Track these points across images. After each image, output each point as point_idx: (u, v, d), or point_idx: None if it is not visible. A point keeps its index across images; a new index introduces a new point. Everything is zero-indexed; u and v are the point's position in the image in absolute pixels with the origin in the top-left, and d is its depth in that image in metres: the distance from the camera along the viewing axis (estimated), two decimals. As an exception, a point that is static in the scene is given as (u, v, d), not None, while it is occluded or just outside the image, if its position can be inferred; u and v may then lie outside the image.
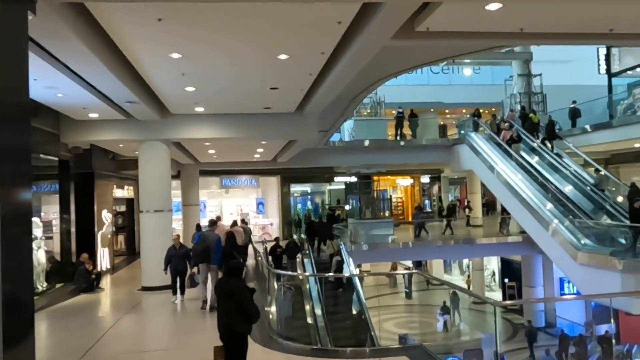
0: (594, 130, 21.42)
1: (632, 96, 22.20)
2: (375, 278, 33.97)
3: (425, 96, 31.09)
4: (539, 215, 16.61)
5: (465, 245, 21.93)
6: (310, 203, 31.72)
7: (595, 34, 7.23)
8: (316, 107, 12.37)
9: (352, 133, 23.49)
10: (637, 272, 12.69)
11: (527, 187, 17.87)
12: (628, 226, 14.05)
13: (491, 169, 19.62)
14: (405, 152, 23.64)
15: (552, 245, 16.12)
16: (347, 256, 17.51)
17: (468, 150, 21.67)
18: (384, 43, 7.14)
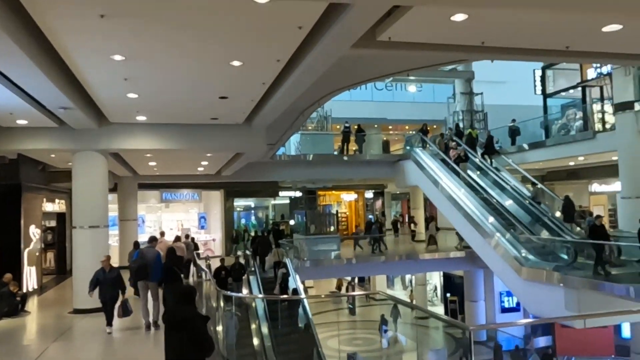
0: (530, 148, 22.19)
1: (565, 116, 23.19)
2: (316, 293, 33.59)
3: (369, 112, 31.32)
4: (482, 229, 16.83)
5: (408, 261, 22.02)
6: (254, 218, 31.02)
7: (552, 50, 7.25)
8: (265, 119, 11.93)
9: (298, 147, 23.15)
10: (579, 288, 12.96)
11: (470, 201, 18.12)
12: (571, 242, 14.40)
13: (436, 184, 19.80)
14: (350, 167, 23.56)
15: (496, 260, 16.35)
16: (292, 269, 17.15)
17: (413, 165, 21.83)
18: (343, 52, 6.84)
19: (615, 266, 13.75)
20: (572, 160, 22.41)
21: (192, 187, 25.76)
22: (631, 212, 16.15)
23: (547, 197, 19.16)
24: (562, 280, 13.37)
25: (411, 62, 9.57)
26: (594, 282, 12.73)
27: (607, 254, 13.19)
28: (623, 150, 16.45)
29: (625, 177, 16.42)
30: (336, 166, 23.35)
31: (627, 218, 16.31)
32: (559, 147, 20.30)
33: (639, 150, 16.03)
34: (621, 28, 6.34)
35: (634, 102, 16.11)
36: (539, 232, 16.88)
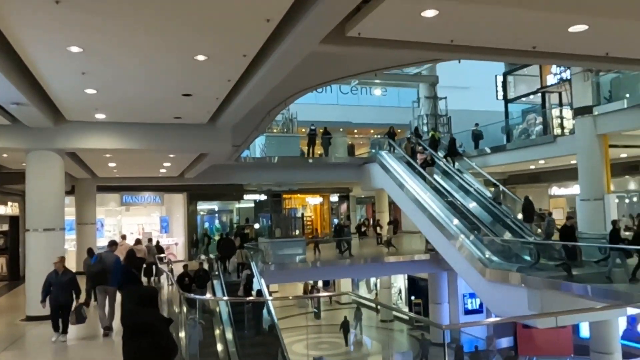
0: (492, 152, 22.57)
1: (526, 121, 23.70)
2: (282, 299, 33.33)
3: (334, 116, 31.28)
4: (447, 231, 16.96)
5: (373, 264, 22.01)
6: (218, 222, 30.48)
7: (519, 50, 7.29)
8: (231, 118, 11.66)
9: (263, 149, 22.87)
10: (542, 288, 13.15)
11: (435, 204, 18.25)
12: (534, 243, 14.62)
13: (401, 187, 19.87)
14: (316, 170, 23.44)
15: (461, 262, 16.49)
16: (257, 271, 16.91)
17: (379, 168, 21.88)
18: (312, 47, 6.68)
19: (577, 267, 14.07)
20: (533, 163, 22.91)
21: (154, 189, 25.12)
22: (590, 213, 16.56)
23: (509, 199, 19.49)
24: (525, 281, 13.56)
25: (380, 61, 9.51)
26: (555, 282, 12.96)
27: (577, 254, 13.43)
28: (582, 154, 16.86)
29: (584, 179, 16.83)
30: (302, 169, 23.19)
31: (586, 220, 16.70)
32: (520, 150, 20.71)
33: (597, 153, 16.45)
34: (587, 29, 6.41)
35: (593, 107, 16.53)
36: (501, 234, 17.13)
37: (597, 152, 16.45)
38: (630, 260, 12.14)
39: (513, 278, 13.98)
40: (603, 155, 16.45)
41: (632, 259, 12.02)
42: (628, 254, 11.69)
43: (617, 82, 16.49)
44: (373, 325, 30.06)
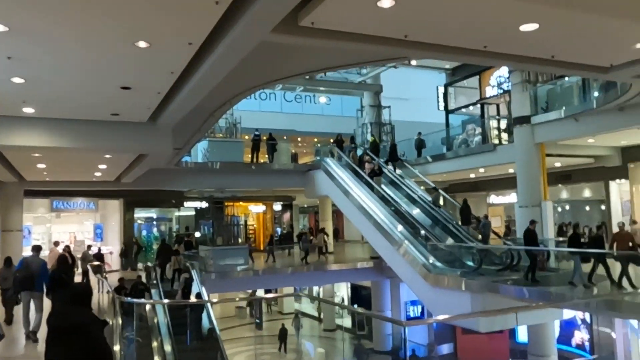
0: (433, 160, 22.99)
1: (465, 132, 24.34)
2: (222, 310, 32.43)
3: (278, 123, 31.05)
4: (392, 237, 16.97)
5: (317, 272, 21.77)
6: (156, 230, 29.32)
7: (471, 49, 7.28)
8: (173, 117, 11.11)
9: (205, 154, 22.21)
10: (485, 292, 13.32)
11: (380, 211, 18.26)
12: (477, 248, 14.82)
13: (346, 194, 19.78)
14: (260, 176, 23.04)
15: (405, 268, 16.50)
16: (196, 274, 16.28)
17: (324, 175, 21.74)
18: (263, 36, 6.38)
19: (518, 272, 14.39)
20: (473, 172, 23.49)
21: (87, 195, 23.79)
22: (528, 219, 17.02)
23: (450, 204, 19.72)
24: (468, 286, 13.71)
25: (333, 58, 9.33)
26: (495, 286, 13.18)
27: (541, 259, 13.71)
28: (521, 161, 17.39)
29: (523, 186, 17.34)
30: (245, 175, 22.71)
31: (524, 226, 17.14)
32: (462, 158, 21.16)
33: (535, 161, 17.02)
34: (537, 28, 6.47)
35: (531, 117, 17.11)
36: (444, 240, 17.35)
37: (535, 160, 17.01)
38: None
39: (456, 283, 14.11)
40: (540, 163, 17.04)
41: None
42: (585, 259, 12.03)
43: (553, 93, 17.17)
44: (316, 335, 29.79)
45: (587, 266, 12.00)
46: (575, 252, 12.07)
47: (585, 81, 16.06)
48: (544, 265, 13.79)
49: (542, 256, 13.93)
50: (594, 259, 11.60)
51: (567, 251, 12.76)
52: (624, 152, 19.04)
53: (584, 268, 12.01)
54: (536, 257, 12.98)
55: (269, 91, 34.84)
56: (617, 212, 19.86)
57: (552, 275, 13.80)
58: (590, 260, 11.82)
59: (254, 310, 32.48)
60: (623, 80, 9.29)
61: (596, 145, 18.42)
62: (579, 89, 16.32)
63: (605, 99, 13.52)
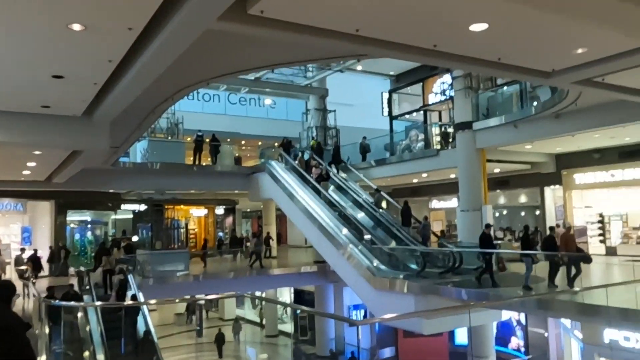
0: (377, 165, 23.17)
1: (408, 138, 24.71)
2: (160, 317, 31.35)
3: (222, 125, 30.47)
4: (336, 241, 16.88)
5: (259, 277, 21.39)
6: (90, 233, 27.95)
7: (420, 48, 7.24)
8: (110, 111, 10.48)
9: (145, 155, 21.36)
10: (427, 294, 13.42)
11: (325, 214, 18.15)
12: (421, 251, 14.94)
13: (291, 197, 19.55)
14: (202, 178, 22.43)
15: (349, 271, 16.44)
16: (132, 278, 15.58)
17: (268, 178, 21.42)
18: (209, 23, 6.04)
19: (458, 274, 14.63)
20: (416, 177, 23.85)
21: (15, 195, 22.28)
22: (470, 223, 17.42)
23: (392, 207, 19.87)
24: (411, 288, 13.79)
25: (283, 52, 9.08)
26: (436, 288, 13.33)
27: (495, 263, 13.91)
28: (462, 166, 17.76)
29: (464, 191, 17.71)
30: (187, 177, 22.03)
31: (466, 229, 17.54)
32: (407, 163, 21.41)
33: (476, 166, 17.43)
34: (487, 28, 6.50)
35: (472, 123, 17.52)
36: (388, 243, 17.44)
37: (476, 164, 17.42)
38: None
39: (400, 286, 14.15)
40: (481, 167, 17.47)
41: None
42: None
43: (493, 100, 17.67)
44: (258, 341, 29.29)
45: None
46: (529, 254, 12.28)
47: (523, 90, 16.66)
48: (504, 266, 14.02)
49: (501, 259, 14.16)
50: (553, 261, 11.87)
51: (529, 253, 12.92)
52: (558, 159, 19.87)
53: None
54: (491, 260, 13.10)
55: (212, 92, 34.14)
56: (551, 217, 20.67)
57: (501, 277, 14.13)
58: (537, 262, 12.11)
59: (194, 317, 31.58)
60: (563, 86, 9.59)
61: (533, 152, 19.11)
62: (518, 97, 16.88)
63: (543, 107, 14.02)
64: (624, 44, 7.34)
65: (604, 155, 18.36)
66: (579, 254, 11.92)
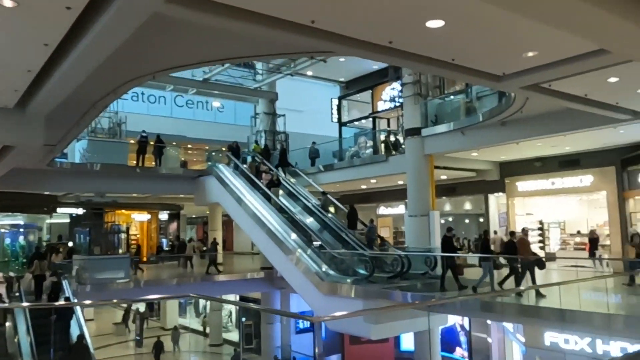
0: (326, 170, 23.08)
1: (357, 144, 24.80)
2: (98, 327, 30.01)
3: (168, 128, 29.58)
4: (285, 246, 16.59)
5: (204, 284, 20.74)
6: (23, 238, 26.35)
7: (376, 45, 7.12)
8: (46, 104, 9.79)
9: (84, 155, 20.32)
10: (376, 299, 13.33)
11: (274, 219, 17.82)
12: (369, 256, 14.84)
13: (239, 202, 19.10)
14: (146, 181, 21.58)
15: (298, 277, 16.17)
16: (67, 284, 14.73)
17: (215, 182, 20.88)
18: (156, 5, 5.66)
19: (406, 279, 14.64)
20: (364, 183, 23.91)
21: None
22: (417, 229, 17.54)
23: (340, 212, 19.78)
24: (360, 293, 13.67)
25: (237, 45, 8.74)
26: (385, 292, 13.27)
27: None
28: (411, 172, 17.90)
29: (413, 196, 17.83)
30: (129, 179, 21.12)
31: (414, 235, 17.65)
32: (356, 168, 21.40)
33: (424, 171, 17.60)
34: (443, 25, 6.44)
35: (421, 129, 17.71)
36: (337, 247, 17.31)
37: (424, 170, 17.60)
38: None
39: (348, 290, 14.01)
40: (429, 173, 17.65)
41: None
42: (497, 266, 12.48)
43: (441, 107, 17.94)
44: (201, 350, 28.43)
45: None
46: (488, 257, 12.36)
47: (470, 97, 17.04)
48: (461, 271, 14.05)
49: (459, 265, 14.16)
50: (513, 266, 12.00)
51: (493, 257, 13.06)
52: (502, 167, 20.41)
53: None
54: (454, 264, 13.10)
55: (158, 94, 33.12)
56: (494, 224, 21.18)
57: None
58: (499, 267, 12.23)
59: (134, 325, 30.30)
60: (512, 90, 9.76)
61: (479, 160, 19.54)
62: (465, 104, 17.21)
63: (490, 114, 14.31)
64: (574, 48, 7.49)
65: (545, 163, 19.00)
66: (535, 257, 12.09)
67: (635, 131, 14.42)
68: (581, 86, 9.70)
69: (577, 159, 18.13)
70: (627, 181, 16.87)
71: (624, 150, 16.94)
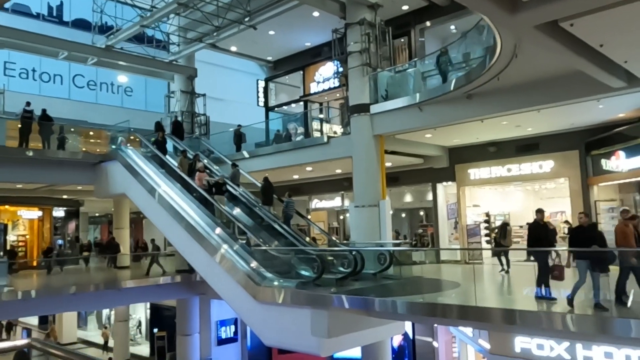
0: (250, 156, 20.19)
1: (286, 131, 22.12)
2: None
3: (65, 112, 25.43)
4: (208, 242, 13.51)
5: (107, 292, 17.20)
6: None
7: None
8: None
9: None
10: (327, 305, 10.65)
11: (194, 212, 14.67)
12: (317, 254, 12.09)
13: (152, 193, 15.68)
14: (33, 167, 17.41)
15: (224, 281, 13.12)
16: None
17: (121, 169, 17.28)
18: None
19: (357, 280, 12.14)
20: (297, 172, 21.20)
21: None
22: (365, 221, 15.12)
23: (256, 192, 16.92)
24: (306, 300, 10.94)
25: None
26: (338, 298, 10.56)
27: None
28: (358, 155, 15.42)
29: (360, 184, 15.37)
30: (10, 165, 16.89)
31: (361, 228, 15.20)
32: (293, 152, 18.61)
33: (374, 154, 15.19)
34: None
35: (370, 105, 15.28)
36: (271, 244, 14.51)
37: (374, 153, 15.20)
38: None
39: (292, 297, 11.23)
40: (379, 157, 15.27)
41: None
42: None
43: (394, 81, 15.60)
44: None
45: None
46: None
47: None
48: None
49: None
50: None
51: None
52: (452, 153, 18.51)
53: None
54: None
55: (53, 72, 28.61)
56: (443, 216, 19.27)
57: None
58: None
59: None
60: (523, 29, 7.49)
61: (429, 143, 17.49)
62: (422, 76, 15.00)
63: (466, 79, 12.04)
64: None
65: (500, 148, 17.26)
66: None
67: (614, 107, 12.91)
68: (604, 30, 7.63)
69: (536, 143, 16.48)
70: (591, 167, 15.42)
71: (587, 133, 15.51)
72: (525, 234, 19.54)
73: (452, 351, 18.55)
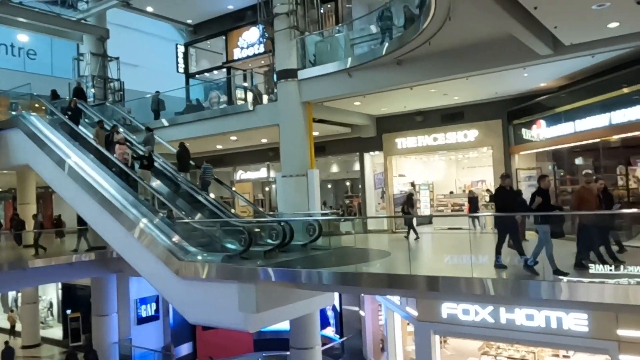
0: (170, 125, 19.05)
1: (208, 99, 21.08)
2: None
3: (-47, 76, 22.75)
4: (125, 216, 12.48)
5: (12, 273, 15.72)
6: None
7: None
8: None
9: None
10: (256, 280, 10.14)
11: (110, 184, 13.50)
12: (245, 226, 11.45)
13: (61, 164, 14.26)
14: None
15: (143, 257, 12.22)
16: None
17: (24, 137, 15.66)
18: None
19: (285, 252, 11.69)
20: (220, 142, 20.27)
21: None
22: (293, 192, 14.63)
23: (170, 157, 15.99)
24: (233, 274, 10.35)
25: None
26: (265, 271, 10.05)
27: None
28: (285, 122, 14.81)
29: (287, 153, 14.82)
30: None
31: (289, 198, 14.71)
32: (216, 120, 17.65)
33: (301, 122, 14.63)
34: None
35: (297, 71, 14.65)
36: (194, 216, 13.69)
37: (301, 121, 14.64)
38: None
39: (217, 271, 10.60)
40: (307, 124, 14.75)
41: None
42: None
43: (322, 45, 15.02)
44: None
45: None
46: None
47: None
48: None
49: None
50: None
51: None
52: (379, 122, 18.33)
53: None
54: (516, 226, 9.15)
55: (-61, 30, 25.39)
56: (370, 185, 19.18)
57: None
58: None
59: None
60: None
61: (357, 112, 17.16)
62: (351, 42, 14.52)
63: (399, 42, 11.67)
64: None
65: (426, 118, 17.27)
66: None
67: (538, 75, 13.13)
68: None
69: (461, 112, 16.62)
70: (513, 136, 15.77)
71: (510, 102, 15.80)
72: (450, 203, 20.15)
73: (378, 319, 18.75)
